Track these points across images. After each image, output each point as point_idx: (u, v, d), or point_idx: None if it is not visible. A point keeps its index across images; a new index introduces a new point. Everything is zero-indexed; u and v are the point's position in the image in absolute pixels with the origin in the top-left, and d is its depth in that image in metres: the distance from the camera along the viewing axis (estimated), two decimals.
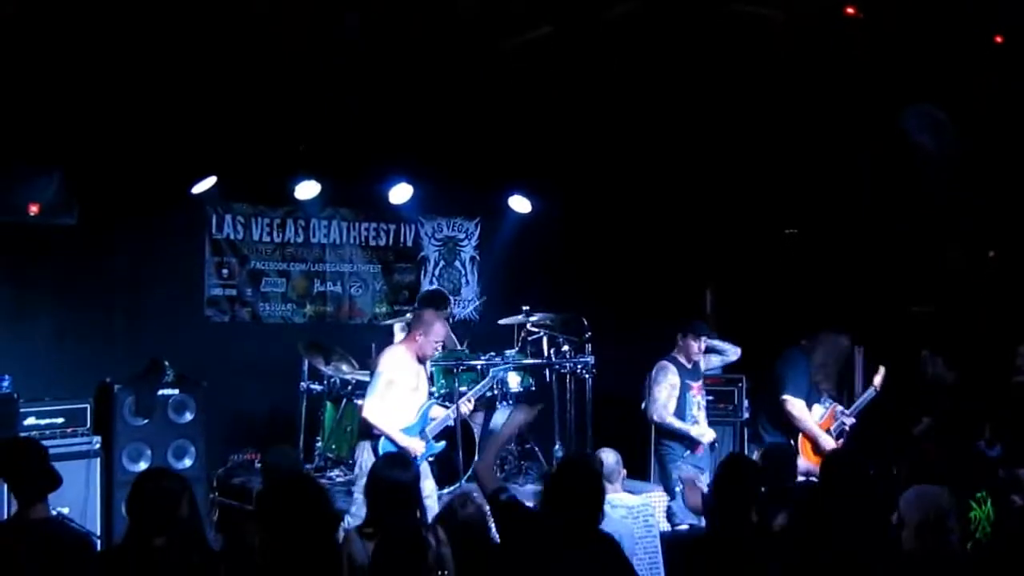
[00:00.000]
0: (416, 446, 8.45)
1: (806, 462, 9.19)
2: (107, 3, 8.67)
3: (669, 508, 9.30)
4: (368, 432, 8.50)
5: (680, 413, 9.29)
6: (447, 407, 9.05)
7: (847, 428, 9.68)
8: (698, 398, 9.48)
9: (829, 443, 9.40)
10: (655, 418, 9.30)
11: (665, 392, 9.28)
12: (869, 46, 9.68)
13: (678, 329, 9.56)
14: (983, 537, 6.60)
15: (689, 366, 9.49)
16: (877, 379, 9.89)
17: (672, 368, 9.39)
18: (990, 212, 11.20)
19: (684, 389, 9.35)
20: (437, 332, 8.69)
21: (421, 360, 8.74)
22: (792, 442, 9.34)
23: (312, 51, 9.52)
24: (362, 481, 8.01)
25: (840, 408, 9.76)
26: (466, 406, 9.09)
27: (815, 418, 9.54)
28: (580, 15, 9.35)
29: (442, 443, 8.86)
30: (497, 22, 9.49)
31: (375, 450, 8.38)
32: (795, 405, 9.42)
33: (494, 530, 6.09)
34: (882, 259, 11.77)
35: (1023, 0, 9.01)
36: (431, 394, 9.35)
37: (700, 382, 9.60)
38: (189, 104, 10.03)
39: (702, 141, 11.65)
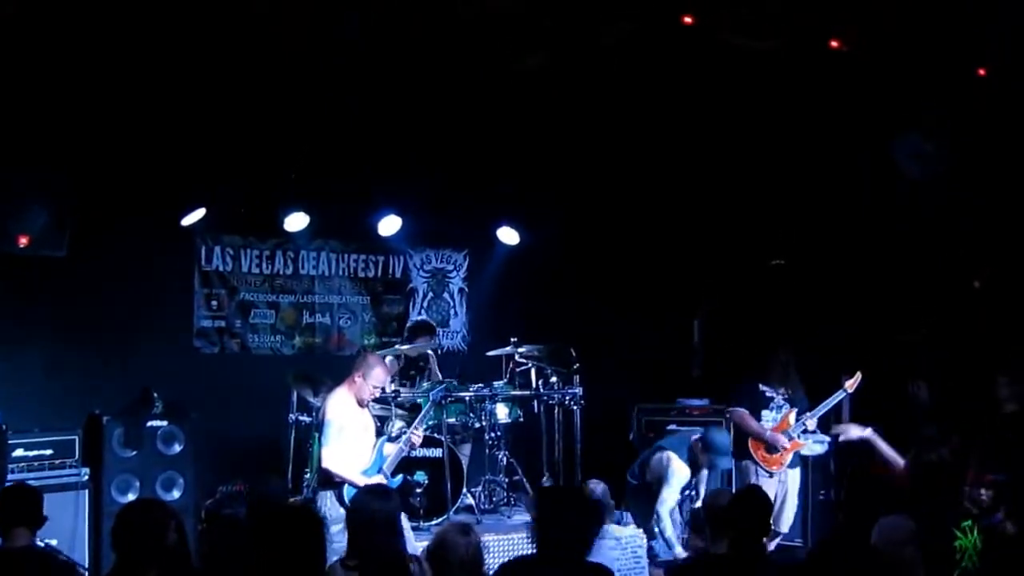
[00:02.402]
0: None
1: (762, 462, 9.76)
2: (92, 39, 8.75)
3: (650, 547, 9.30)
4: (329, 481, 8.46)
5: None
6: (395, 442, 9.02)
7: (809, 427, 9.86)
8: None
9: (780, 442, 9.77)
10: (662, 524, 9.30)
11: (675, 496, 9.42)
12: (855, 78, 9.77)
13: (699, 439, 9.63)
14: (970, 565, 6.61)
15: None
16: (849, 382, 9.90)
17: (684, 467, 9.49)
18: (977, 240, 11.25)
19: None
20: (377, 377, 8.61)
21: (360, 403, 8.68)
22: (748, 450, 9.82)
23: (301, 84, 9.59)
24: (331, 530, 8.03)
25: (797, 412, 9.88)
26: (416, 437, 9.02)
27: (767, 423, 9.87)
28: (571, 45, 9.42)
29: (399, 476, 8.88)
30: (487, 52, 9.56)
31: (339, 498, 8.37)
32: (734, 413, 10.01)
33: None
34: (869, 288, 11.80)
35: (1005, 35, 9.11)
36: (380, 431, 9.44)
37: None
38: (179, 136, 10.08)
39: (688, 173, 11.71)
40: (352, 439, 8.53)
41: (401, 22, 9.04)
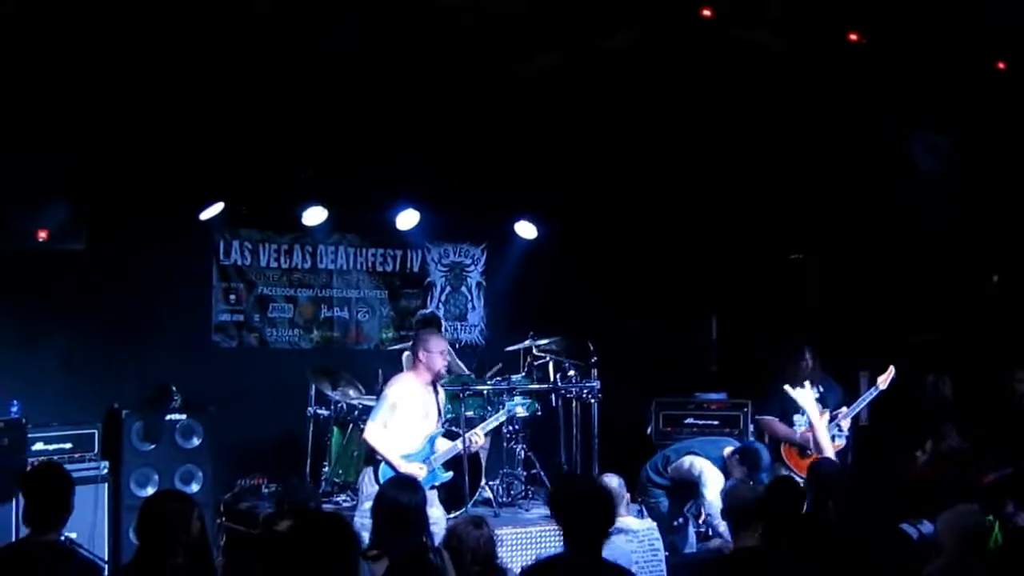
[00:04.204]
0: (415, 472, 8.19)
1: (796, 469, 9.55)
2: (114, 30, 8.76)
3: (672, 542, 9.21)
4: (372, 457, 8.46)
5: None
6: (452, 439, 8.95)
7: (843, 426, 9.79)
8: None
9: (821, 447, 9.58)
10: (721, 531, 8.75)
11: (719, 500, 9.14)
12: (873, 71, 9.74)
13: (736, 452, 9.22)
14: None
15: None
16: (882, 378, 9.78)
17: (718, 474, 9.20)
18: (993, 236, 11.23)
19: None
20: (437, 344, 8.58)
21: (435, 381, 8.62)
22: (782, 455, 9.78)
23: (320, 78, 9.59)
24: (363, 506, 8.02)
25: (830, 411, 9.78)
26: (478, 438, 9.02)
27: (799, 428, 9.79)
28: (585, 43, 9.42)
29: (449, 473, 8.76)
30: (505, 50, 9.56)
31: (375, 475, 8.35)
32: (763, 421, 10.18)
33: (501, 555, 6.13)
34: (888, 283, 11.79)
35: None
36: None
37: None
38: (198, 130, 10.09)
39: (706, 168, 11.69)
40: (405, 421, 8.45)
41: (417, 19, 9.05)
